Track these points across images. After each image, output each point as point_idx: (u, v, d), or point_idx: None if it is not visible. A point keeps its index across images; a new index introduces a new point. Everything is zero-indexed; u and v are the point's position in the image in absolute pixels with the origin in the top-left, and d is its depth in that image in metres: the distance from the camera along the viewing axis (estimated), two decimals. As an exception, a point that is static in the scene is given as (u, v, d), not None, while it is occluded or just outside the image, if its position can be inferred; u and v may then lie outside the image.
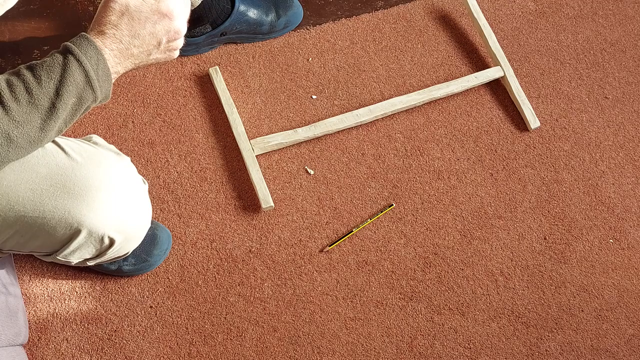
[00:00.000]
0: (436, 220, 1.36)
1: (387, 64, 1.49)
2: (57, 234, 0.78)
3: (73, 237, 0.79)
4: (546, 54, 1.57)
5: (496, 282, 1.32)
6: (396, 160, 1.40)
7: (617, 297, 1.35)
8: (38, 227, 0.77)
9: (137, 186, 0.85)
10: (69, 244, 0.80)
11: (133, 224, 0.85)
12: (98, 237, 0.81)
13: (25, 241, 0.80)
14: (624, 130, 1.52)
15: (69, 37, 0.72)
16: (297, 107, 1.42)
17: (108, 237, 0.82)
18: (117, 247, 0.85)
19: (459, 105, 1.48)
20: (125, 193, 0.82)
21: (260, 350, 1.21)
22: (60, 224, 0.77)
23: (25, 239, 0.80)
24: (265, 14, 1.42)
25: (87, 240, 0.81)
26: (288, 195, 1.33)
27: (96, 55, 0.69)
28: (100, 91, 0.70)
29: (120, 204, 0.81)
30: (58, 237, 0.79)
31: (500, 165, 1.43)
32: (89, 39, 0.69)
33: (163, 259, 1.22)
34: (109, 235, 0.81)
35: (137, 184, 0.85)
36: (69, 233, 0.79)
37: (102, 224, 0.79)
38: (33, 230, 0.78)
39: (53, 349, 1.16)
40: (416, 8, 1.56)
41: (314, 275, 1.28)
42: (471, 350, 1.26)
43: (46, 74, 0.66)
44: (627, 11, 1.66)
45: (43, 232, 0.78)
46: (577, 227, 1.40)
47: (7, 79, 0.66)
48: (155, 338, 1.19)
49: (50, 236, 0.79)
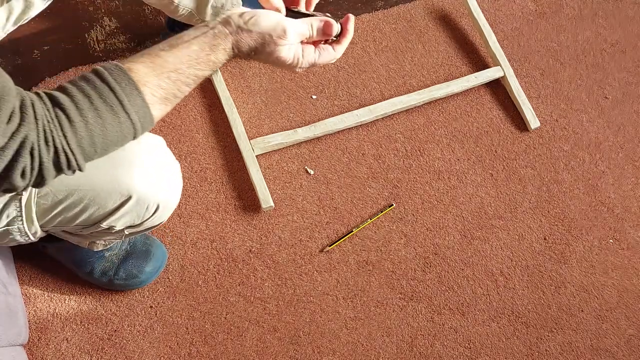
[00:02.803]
0: (436, 221, 1.36)
1: (387, 64, 1.50)
2: (108, 203, 0.83)
3: (122, 205, 0.84)
4: (546, 54, 1.57)
5: (496, 282, 1.33)
6: (396, 161, 1.40)
7: (617, 297, 1.35)
8: (89, 199, 0.81)
9: (173, 159, 0.90)
10: (117, 211, 0.84)
11: (172, 193, 0.90)
12: (144, 204, 0.86)
13: (73, 215, 0.83)
14: (623, 130, 1.52)
15: (69, 37, 0.72)
16: (297, 107, 1.42)
17: (153, 205, 0.87)
18: (157, 215, 0.90)
19: (459, 106, 1.48)
20: (165, 164, 0.87)
21: (260, 350, 1.21)
22: (112, 193, 0.82)
23: (74, 212, 0.83)
24: (266, 14, 1.42)
25: (134, 208, 0.85)
26: (288, 195, 1.33)
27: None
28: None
29: (163, 175, 0.87)
30: (109, 207, 0.83)
31: (501, 166, 1.43)
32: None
33: (154, 277, 1.21)
34: (154, 202, 0.86)
35: (172, 157, 0.90)
36: (119, 201, 0.83)
37: (149, 192, 0.84)
38: (84, 202, 0.82)
39: (53, 349, 1.16)
40: (416, 8, 1.57)
41: (314, 275, 1.28)
42: (471, 350, 1.26)
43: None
44: (627, 12, 1.67)
45: (94, 204, 0.82)
46: (577, 227, 1.40)
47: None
48: (155, 338, 1.19)
49: (101, 207, 0.83)
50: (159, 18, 1.45)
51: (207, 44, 0.73)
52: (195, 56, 0.72)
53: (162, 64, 0.70)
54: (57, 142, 0.63)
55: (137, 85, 0.68)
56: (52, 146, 0.63)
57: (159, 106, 0.71)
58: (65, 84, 0.68)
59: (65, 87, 0.67)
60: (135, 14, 1.44)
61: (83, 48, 1.39)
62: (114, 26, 1.42)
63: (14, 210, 0.80)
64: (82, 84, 0.67)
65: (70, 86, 0.67)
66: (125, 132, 0.69)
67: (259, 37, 0.74)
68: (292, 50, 0.77)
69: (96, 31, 1.41)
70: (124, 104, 0.67)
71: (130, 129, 0.69)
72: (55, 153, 0.64)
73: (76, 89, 0.67)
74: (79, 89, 0.67)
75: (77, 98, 0.66)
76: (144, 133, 0.73)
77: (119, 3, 1.44)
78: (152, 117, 0.71)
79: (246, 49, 0.75)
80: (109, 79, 0.67)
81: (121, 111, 0.68)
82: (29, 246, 1.05)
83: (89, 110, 0.66)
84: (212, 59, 0.73)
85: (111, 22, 1.42)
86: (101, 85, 0.67)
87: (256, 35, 0.74)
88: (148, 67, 0.70)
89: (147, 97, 0.69)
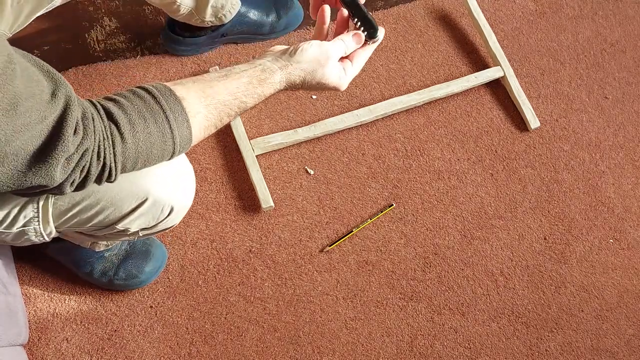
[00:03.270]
0: (436, 220, 1.36)
1: (387, 64, 1.50)
2: (124, 205, 0.83)
3: (138, 207, 0.84)
4: (546, 54, 1.57)
5: (496, 282, 1.33)
6: (396, 160, 1.40)
7: (617, 297, 1.35)
8: (106, 201, 0.81)
9: (187, 161, 0.91)
10: (133, 213, 0.85)
11: (186, 195, 0.90)
12: (160, 206, 0.86)
13: (89, 217, 0.83)
14: (624, 130, 1.52)
15: (69, 37, 0.72)
16: (298, 107, 1.42)
17: (168, 207, 0.87)
18: (171, 217, 0.90)
19: (459, 105, 1.48)
20: (180, 166, 0.88)
21: (260, 350, 1.21)
22: (128, 195, 0.82)
23: (90, 214, 0.83)
24: (266, 15, 1.42)
25: (150, 210, 0.85)
26: (288, 195, 1.33)
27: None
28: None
29: (178, 178, 0.87)
30: (125, 209, 0.83)
31: (501, 166, 1.43)
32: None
33: (154, 277, 1.21)
34: (169, 204, 0.87)
35: (186, 159, 0.91)
36: (135, 204, 0.83)
37: (165, 194, 0.84)
38: (100, 204, 0.82)
39: (53, 349, 1.16)
40: (416, 8, 1.57)
41: (314, 275, 1.28)
42: (471, 350, 1.26)
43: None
44: (627, 11, 1.67)
45: (110, 206, 0.82)
46: (577, 227, 1.40)
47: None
48: (155, 338, 1.19)
49: (117, 209, 0.83)
50: (159, 18, 1.45)
51: (256, 78, 0.76)
52: (244, 88, 0.75)
53: (213, 94, 0.73)
54: (107, 159, 0.65)
55: (188, 117, 0.71)
56: (102, 161, 0.65)
57: (199, 135, 0.74)
58: (119, 98, 0.69)
59: (120, 102, 0.68)
60: (135, 14, 1.44)
61: (83, 48, 1.39)
62: (114, 26, 1.42)
63: (31, 212, 0.80)
64: (137, 102, 0.69)
65: (125, 101, 0.68)
66: (165, 156, 0.72)
67: (308, 67, 0.78)
68: (335, 72, 0.81)
69: (96, 31, 1.41)
70: (174, 134, 0.70)
71: (169, 155, 0.72)
72: (102, 167, 0.66)
73: (131, 106, 0.68)
74: (135, 107, 0.68)
75: (133, 118, 0.67)
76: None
77: (119, 3, 1.44)
78: (190, 145, 0.74)
79: (298, 80, 0.79)
80: (164, 105, 0.69)
81: (169, 139, 0.70)
82: (29, 246, 1.05)
83: (142, 132, 0.68)
84: (259, 92, 0.77)
85: (111, 22, 1.42)
86: (157, 109, 0.69)
87: (305, 65, 0.78)
88: (199, 98, 0.72)
89: (194, 130, 0.72)
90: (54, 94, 0.59)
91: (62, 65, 1.36)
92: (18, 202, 0.79)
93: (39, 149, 0.59)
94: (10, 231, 0.82)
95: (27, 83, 0.56)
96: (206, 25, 1.31)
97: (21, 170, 0.59)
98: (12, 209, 0.79)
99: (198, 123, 0.72)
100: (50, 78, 0.59)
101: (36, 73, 0.58)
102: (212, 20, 1.29)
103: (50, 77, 0.60)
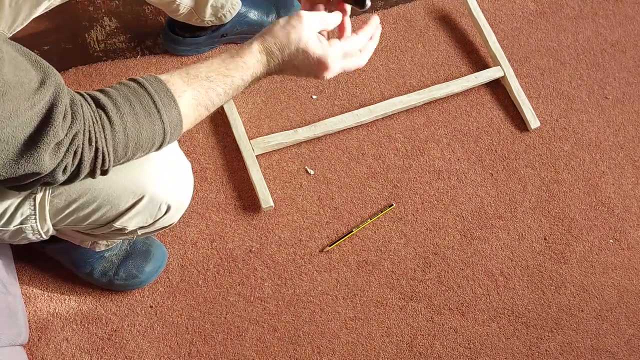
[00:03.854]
0: (436, 220, 1.36)
1: (387, 64, 1.50)
2: (120, 202, 0.83)
3: (135, 204, 0.84)
4: (546, 54, 1.57)
5: (496, 282, 1.32)
6: (396, 160, 1.40)
7: (617, 297, 1.35)
8: (102, 198, 0.82)
9: (184, 158, 0.91)
10: (130, 211, 0.85)
11: (184, 192, 0.91)
12: (157, 204, 0.86)
13: (86, 214, 0.84)
14: (624, 130, 1.52)
15: (69, 37, 0.73)
16: (298, 107, 1.42)
17: (165, 204, 0.87)
18: (169, 215, 0.90)
19: (459, 105, 1.48)
20: (177, 163, 0.88)
21: (260, 349, 1.21)
22: (125, 192, 0.82)
23: (87, 211, 0.83)
24: (266, 15, 1.42)
25: (147, 207, 0.85)
26: (288, 195, 1.33)
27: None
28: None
29: (175, 175, 0.87)
30: (121, 206, 0.84)
31: (501, 166, 1.43)
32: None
33: (154, 277, 1.21)
34: (166, 202, 0.87)
35: (183, 156, 0.91)
36: (132, 201, 0.83)
37: (161, 191, 0.85)
38: (97, 201, 0.82)
39: (53, 349, 1.16)
40: (416, 8, 1.57)
41: (314, 275, 1.28)
42: (471, 350, 1.26)
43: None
44: (627, 11, 1.66)
45: (107, 203, 0.82)
46: (577, 227, 1.40)
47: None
48: (155, 338, 1.19)
49: (114, 206, 0.83)
50: (159, 18, 1.45)
51: (235, 50, 0.78)
52: (225, 63, 0.76)
53: (196, 74, 0.74)
54: (99, 144, 0.66)
55: (174, 97, 0.72)
56: (94, 147, 0.66)
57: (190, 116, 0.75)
58: (106, 88, 0.70)
59: (106, 90, 0.69)
60: (135, 14, 1.44)
61: (83, 48, 1.39)
62: (114, 26, 1.42)
63: (28, 209, 0.81)
64: (122, 89, 0.70)
65: (111, 90, 0.70)
66: (156, 140, 0.72)
67: (281, 33, 0.78)
68: (314, 38, 0.79)
69: (96, 31, 1.41)
70: (162, 113, 0.70)
71: (161, 138, 0.72)
72: (95, 153, 0.66)
73: (117, 92, 0.69)
74: (120, 93, 0.69)
75: (118, 101, 0.68)
76: (170, 144, 0.75)
77: (119, 3, 1.44)
78: (182, 128, 0.74)
79: (275, 47, 0.78)
80: (149, 87, 0.70)
81: (157, 120, 0.70)
82: (29, 246, 1.05)
83: (129, 114, 0.68)
84: (240, 64, 0.77)
85: (111, 22, 1.42)
86: (142, 92, 0.70)
87: (278, 31, 0.79)
88: (182, 78, 0.74)
89: (182, 108, 0.73)
90: (42, 82, 0.60)
91: (62, 65, 1.36)
92: (15, 199, 0.79)
93: (30, 136, 0.60)
94: (7, 229, 0.82)
95: (15, 72, 0.57)
96: (206, 25, 1.31)
97: (12, 159, 0.60)
98: (8, 207, 0.79)
99: (185, 102, 0.73)
100: (38, 67, 0.60)
101: (24, 62, 0.59)
102: (211, 20, 1.29)
103: (39, 66, 0.61)
